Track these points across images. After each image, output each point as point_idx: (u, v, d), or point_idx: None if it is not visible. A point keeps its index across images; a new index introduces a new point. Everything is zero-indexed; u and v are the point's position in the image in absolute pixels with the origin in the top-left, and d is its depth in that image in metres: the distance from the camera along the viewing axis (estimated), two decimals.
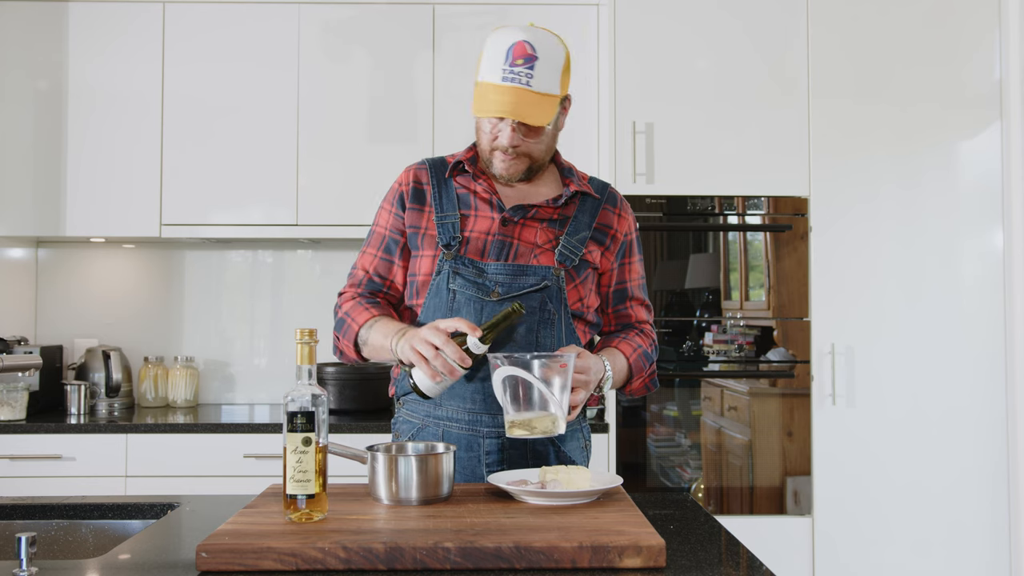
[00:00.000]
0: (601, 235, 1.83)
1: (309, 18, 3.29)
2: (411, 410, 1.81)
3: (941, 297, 3.11)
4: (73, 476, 2.94)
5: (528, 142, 1.74)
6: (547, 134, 1.76)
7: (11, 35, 3.28)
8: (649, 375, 1.87)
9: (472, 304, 1.73)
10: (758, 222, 3.12)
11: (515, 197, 1.81)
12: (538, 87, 1.67)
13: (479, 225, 1.77)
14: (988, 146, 3.14)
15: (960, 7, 3.14)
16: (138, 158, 3.28)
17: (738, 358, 3.10)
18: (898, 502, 3.07)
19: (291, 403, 1.37)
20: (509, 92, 1.66)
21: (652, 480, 3.08)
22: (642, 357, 1.84)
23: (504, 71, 1.66)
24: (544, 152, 1.79)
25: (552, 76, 1.69)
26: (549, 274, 1.75)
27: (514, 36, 1.68)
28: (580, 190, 1.82)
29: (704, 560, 1.29)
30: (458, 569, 1.22)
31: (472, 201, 1.80)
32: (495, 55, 1.68)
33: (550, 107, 1.69)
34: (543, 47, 1.68)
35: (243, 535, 1.27)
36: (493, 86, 1.67)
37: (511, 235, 1.77)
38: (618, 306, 1.88)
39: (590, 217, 1.82)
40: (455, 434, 1.75)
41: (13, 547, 1.56)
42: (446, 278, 1.75)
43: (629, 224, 1.88)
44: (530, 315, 1.73)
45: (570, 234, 1.79)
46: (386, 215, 1.85)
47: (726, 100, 3.13)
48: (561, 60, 1.71)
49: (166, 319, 3.63)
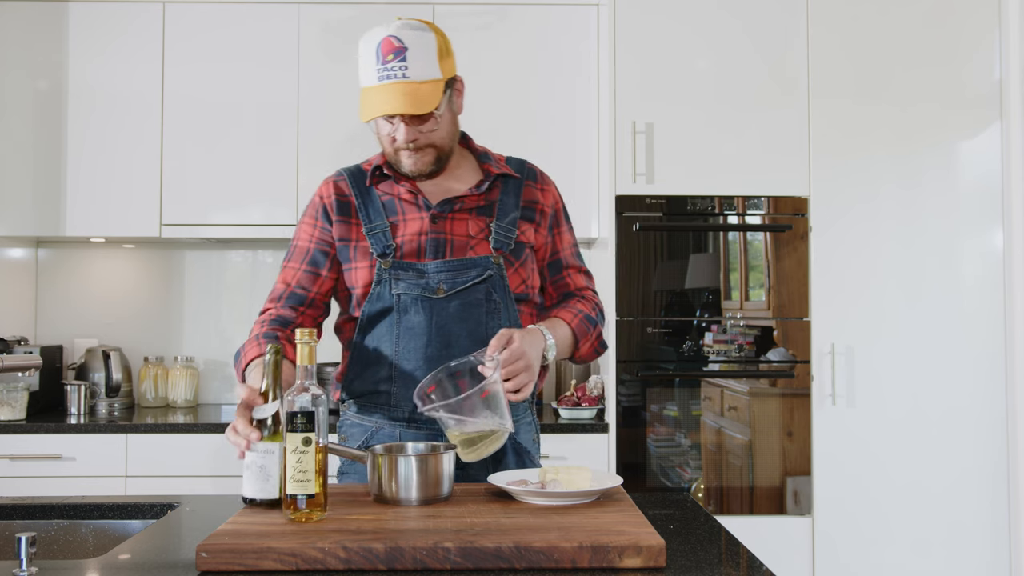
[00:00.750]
0: (530, 212, 1.83)
1: (309, 18, 3.29)
2: (363, 414, 1.80)
3: (941, 297, 3.11)
4: (73, 476, 2.94)
5: (426, 132, 1.72)
6: (443, 119, 1.74)
7: (11, 35, 3.28)
8: (596, 338, 1.86)
9: (420, 303, 1.72)
10: (758, 222, 3.12)
11: (439, 193, 1.80)
12: (415, 76, 1.66)
13: (410, 228, 1.76)
14: (988, 146, 3.14)
15: (960, 7, 3.14)
16: (138, 158, 3.28)
17: (738, 358, 3.10)
18: (898, 502, 3.07)
19: (292, 403, 1.37)
20: (388, 89, 1.65)
21: (652, 480, 3.08)
22: (584, 321, 1.83)
23: (379, 71, 1.66)
24: (447, 138, 1.77)
25: (428, 62, 1.67)
26: (490, 263, 1.75)
27: (379, 35, 1.67)
28: (500, 172, 1.81)
29: (704, 560, 1.29)
30: (458, 569, 1.22)
31: (398, 206, 1.79)
32: (367, 59, 1.67)
33: (433, 92, 1.67)
34: (410, 37, 1.66)
35: (243, 535, 1.27)
36: (373, 88, 1.67)
37: (443, 231, 1.76)
38: (555, 277, 1.89)
39: (515, 197, 1.82)
40: (412, 435, 1.74)
41: (13, 547, 1.56)
42: (388, 286, 1.74)
43: (554, 195, 1.89)
44: (477, 307, 1.73)
45: (500, 218, 1.79)
46: (309, 228, 1.82)
47: (726, 100, 3.13)
48: (433, 44, 1.69)
49: (166, 319, 3.63)
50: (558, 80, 3.33)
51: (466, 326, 1.72)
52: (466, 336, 1.72)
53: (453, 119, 1.79)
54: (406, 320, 1.73)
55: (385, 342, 1.74)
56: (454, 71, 1.75)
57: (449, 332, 1.72)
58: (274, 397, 1.43)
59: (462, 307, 1.73)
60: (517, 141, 3.26)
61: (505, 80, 3.32)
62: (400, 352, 1.73)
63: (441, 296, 1.73)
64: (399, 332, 1.73)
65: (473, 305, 1.73)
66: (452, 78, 1.74)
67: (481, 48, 3.31)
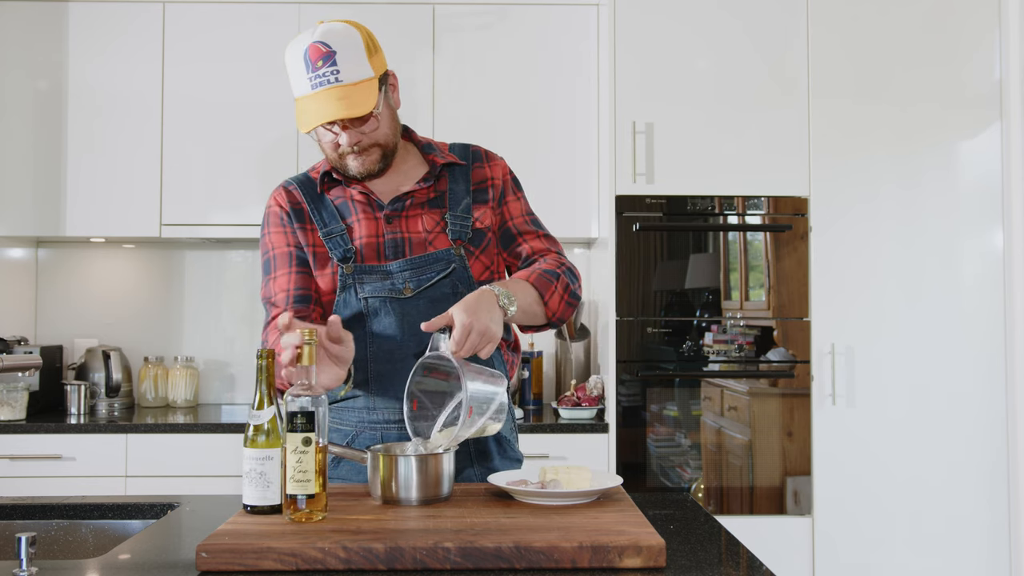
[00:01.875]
0: (481, 193, 1.81)
1: (309, 18, 3.29)
2: (340, 418, 1.78)
3: (941, 297, 3.11)
4: (73, 476, 2.94)
5: (368, 133, 1.70)
6: (383, 117, 1.71)
7: (11, 35, 3.28)
8: (564, 290, 1.77)
9: (389, 305, 1.71)
10: (758, 222, 3.12)
11: (389, 191, 1.78)
12: (348, 78, 1.62)
13: (365, 230, 1.74)
14: (988, 146, 3.14)
15: (960, 7, 3.14)
16: (138, 158, 3.28)
17: (738, 358, 3.10)
18: (898, 502, 3.07)
19: (291, 403, 1.37)
20: (323, 96, 1.62)
21: (652, 480, 3.08)
22: (544, 275, 1.74)
23: (311, 79, 1.62)
24: (390, 135, 1.74)
25: (358, 62, 1.64)
26: (451, 255, 1.74)
27: (304, 41, 1.64)
28: (445, 162, 1.79)
29: (704, 560, 1.29)
30: (458, 569, 1.22)
31: (351, 207, 1.77)
32: (297, 68, 1.64)
33: (369, 92, 1.64)
34: (336, 39, 1.64)
35: (243, 535, 1.27)
36: (307, 97, 1.63)
37: (399, 230, 1.75)
38: (510, 248, 1.83)
39: (465, 183, 1.80)
40: (395, 435, 1.72)
41: (13, 547, 1.56)
42: (354, 291, 1.72)
43: (503, 168, 1.85)
44: (444, 303, 1.69)
45: (453, 208, 1.77)
46: (281, 235, 1.78)
47: (726, 100, 3.13)
48: (360, 43, 1.66)
49: (166, 319, 3.63)
50: (558, 80, 3.33)
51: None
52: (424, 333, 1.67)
53: (392, 115, 1.76)
54: (377, 322, 1.71)
55: (358, 347, 1.69)
56: (385, 66, 1.71)
57: (420, 331, 1.64)
58: (269, 402, 1.43)
59: (430, 304, 1.71)
60: (517, 141, 3.27)
61: (505, 80, 3.32)
62: (374, 354, 1.72)
63: (409, 295, 1.71)
64: (371, 335, 1.71)
65: (440, 300, 1.71)
66: (384, 73, 1.71)
67: (481, 48, 3.31)
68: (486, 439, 1.76)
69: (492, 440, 1.78)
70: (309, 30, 1.66)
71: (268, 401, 1.43)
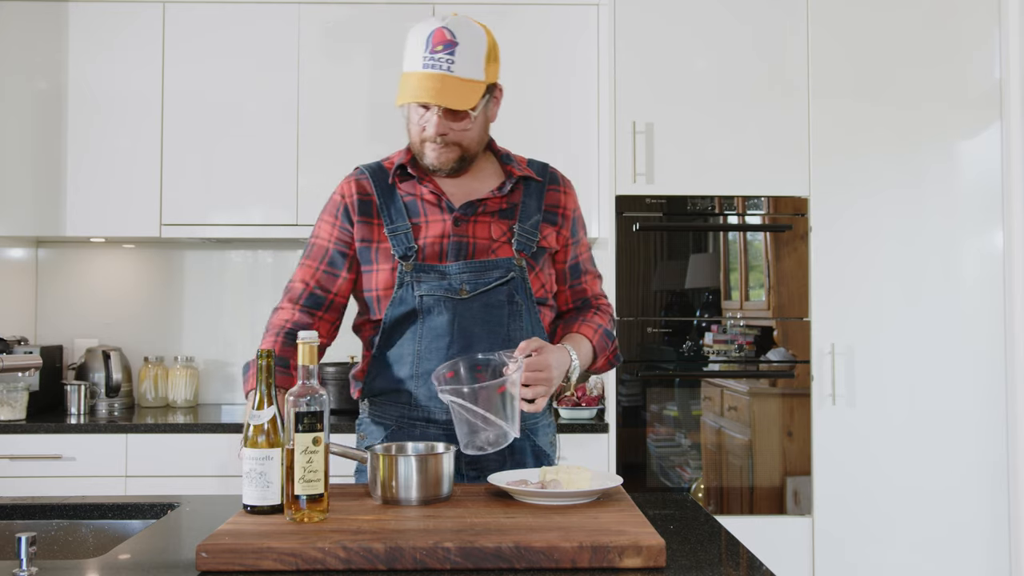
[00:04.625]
0: (551, 215, 1.83)
1: (309, 18, 3.29)
2: (383, 412, 1.79)
3: (941, 297, 3.11)
4: (73, 476, 2.94)
5: (456, 130, 1.72)
6: (476, 122, 1.74)
7: (11, 35, 3.28)
8: (612, 352, 1.87)
9: (443, 304, 1.72)
10: (758, 222, 3.12)
11: (461, 195, 1.79)
12: (460, 72, 1.66)
13: (432, 230, 1.75)
14: (988, 146, 3.14)
15: (960, 7, 3.14)
16: (138, 158, 3.28)
17: (738, 358, 3.10)
18: (898, 502, 3.06)
19: (298, 404, 1.37)
20: (430, 78, 1.65)
21: (652, 480, 3.08)
22: (604, 337, 1.84)
23: (425, 58, 1.66)
24: (475, 141, 1.77)
25: (475, 62, 1.68)
26: (512, 265, 1.75)
27: (433, 24, 1.68)
28: (522, 175, 1.81)
29: (704, 560, 1.29)
30: (458, 569, 1.22)
31: (420, 207, 1.77)
32: (416, 45, 1.68)
33: (473, 92, 1.68)
34: (463, 33, 1.67)
35: (243, 535, 1.27)
36: (415, 74, 1.66)
37: (466, 234, 1.75)
38: (574, 281, 1.89)
39: (537, 200, 1.82)
40: (432, 435, 1.73)
41: (13, 547, 1.56)
42: (411, 288, 1.73)
43: (575, 199, 1.89)
44: (499, 309, 1.73)
45: (522, 221, 1.78)
46: (329, 228, 1.80)
47: (726, 100, 3.12)
48: (483, 46, 1.69)
49: (166, 319, 3.63)
50: (558, 80, 3.33)
51: (488, 327, 1.72)
52: (487, 337, 1.72)
53: (485, 124, 1.79)
54: (429, 320, 1.73)
55: (407, 342, 1.74)
56: (497, 78, 1.75)
57: (471, 333, 1.71)
58: (269, 403, 1.43)
59: (484, 308, 1.73)
60: (517, 141, 3.24)
61: (505, 80, 3.30)
62: (422, 352, 1.73)
63: (464, 297, 1.72)
64: (422, 332, 1.73)
65: (495, 307, 1.73)
66: (493, 84, 1.74)
67: None
68: (524, 454, 1.78)
69: (530, 455, 1.79)
70: (439, 16, 1.70)
71: (268, 401, 1.43)
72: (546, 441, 1.84)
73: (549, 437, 1.86)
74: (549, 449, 1.85)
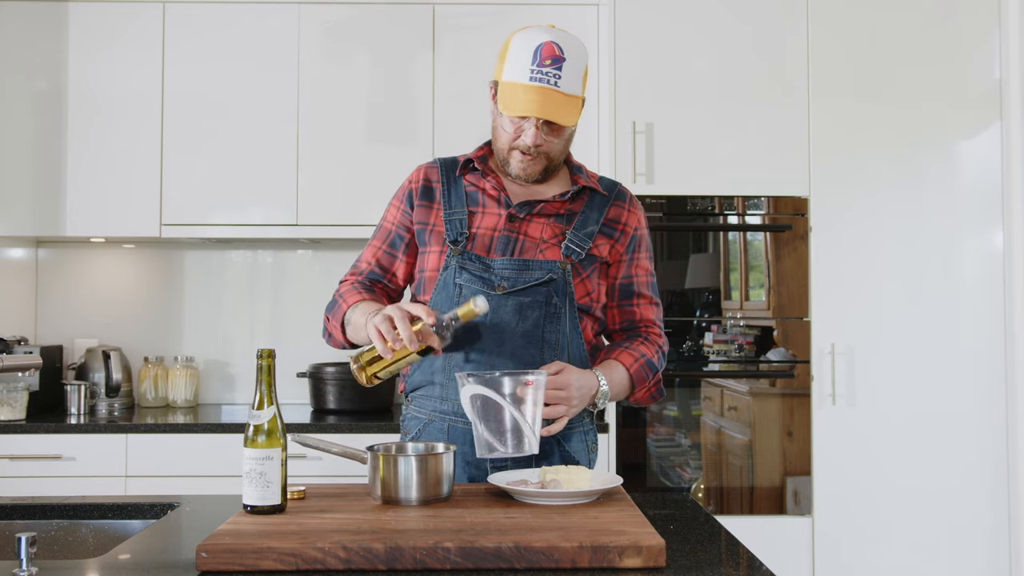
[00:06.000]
0: (610, 229, 1.83)
1: (309, 18, 3.29)
2: (419, 406, 1.82)
3: (941, 297, 3.11)
4: (73, 476, 2.94)
5: (550, 142, 1.75)
6: (566, 135, 1.78)
7: (11, 35, 3.28)
8: (654, 384, 1.84)
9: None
10: (758, 222, 3.12)
11: (523, 194, 1.83)
12: (565, 88, 1.69)
13: (486, 221, 1.79)
14: (988, 146, 3.14)
15: (960, 7, 3.14)
16: (138, 158, 3.28)
17: (738, 358, 3.10)
18: (898, 502, 3.07)
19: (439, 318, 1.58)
20: (538, 92, 1.68)
21: (652, 480, 3.08)
22: (645, 367, 1.80)
23: (532, 71, 1.68)
24: (561, 153, 1.81)
25: (577, 78, 1.72)
26: (555, 268, 1.76)
27: (541, 36, 1.70)
28: (588, 186, 1.83)
29: (704, 560, 1.29)
30: (458, 569, 1.22)
31: (480, 198, 1.82)
32: (522, 55, 1.70)
33: (575, 108, 1.72)
34: (569, 49, 1.70)
35: (243, 535, 1.27)
36: (522, 86, 1.69)
37: (517, 231, 1.78)
38: (623, 302, 1.87)
39: (598, 212, 1.83)
40: (460, 429, 1.75)
41: (13, 547, 1.56)
42: (453, 273, 1.76)
43: (639, 219, 1.88)
44: (534, 309, 1.74)
45: (577, 228, 1.80)
46: (394, 211, 1.89)
47: (726, 100, 3.13)
48: (585, 64, 1.74)
49: (166, 319, 3.63)
50: None
51: (522, 325, 1.73)
52: (520, 335, 1.73)
53: (571, 137, 1.82)
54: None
55: None
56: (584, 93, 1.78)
57: (503, 329, 1.72)
58: (269, 402, 1.43)
59: (520, 306, 1.73)
60: None
61: None
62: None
63: (501, 292, 1.73)
64: None
65: (531, 306, 1.74)
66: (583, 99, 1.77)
67: (481, 48, 3.31)
68: (552, 459, 1.78)
69: (559, 459, 1.79)
70: (542, 26, 1.73)
71: (268, 401, 1.43)
72: (580, 447, 1.82)
73: (584, 444, 1.84)
74: (582, 456, 1.82)
